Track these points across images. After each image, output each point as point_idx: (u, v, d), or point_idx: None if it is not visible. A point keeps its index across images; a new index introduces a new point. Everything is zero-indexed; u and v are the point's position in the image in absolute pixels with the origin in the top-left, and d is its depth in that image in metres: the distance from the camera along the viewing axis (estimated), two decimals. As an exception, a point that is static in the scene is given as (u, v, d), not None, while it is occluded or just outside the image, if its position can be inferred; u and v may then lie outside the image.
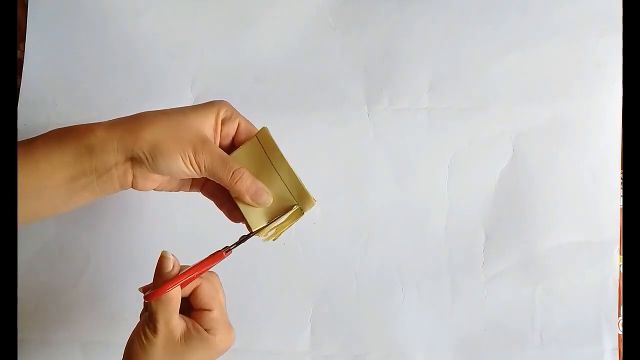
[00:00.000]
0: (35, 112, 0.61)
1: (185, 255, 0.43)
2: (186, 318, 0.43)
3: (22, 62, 0.61)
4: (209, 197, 0.47)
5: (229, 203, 0.45)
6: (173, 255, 0.42)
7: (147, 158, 0.41)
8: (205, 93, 0.61)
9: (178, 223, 0.60)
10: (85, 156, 0.41)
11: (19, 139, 0.43)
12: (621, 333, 0.56)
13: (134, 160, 0.41)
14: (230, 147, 0.45)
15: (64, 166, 0.41)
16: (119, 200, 0.60)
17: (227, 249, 0.43)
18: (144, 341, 0.41)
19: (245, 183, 0.42)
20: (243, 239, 0.44)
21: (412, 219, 0.59)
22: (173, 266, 0.42)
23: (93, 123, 0.42)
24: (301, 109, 0.60)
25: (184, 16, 0.62)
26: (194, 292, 0.43)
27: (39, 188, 0.41)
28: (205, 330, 0.42)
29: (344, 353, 0.58)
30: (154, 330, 0.41)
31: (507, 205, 0.58)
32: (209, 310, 0.43)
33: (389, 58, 0.60)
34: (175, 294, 0.41)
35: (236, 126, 0.44)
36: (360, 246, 0.59)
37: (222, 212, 0.47)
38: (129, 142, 0.41)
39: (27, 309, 0.59)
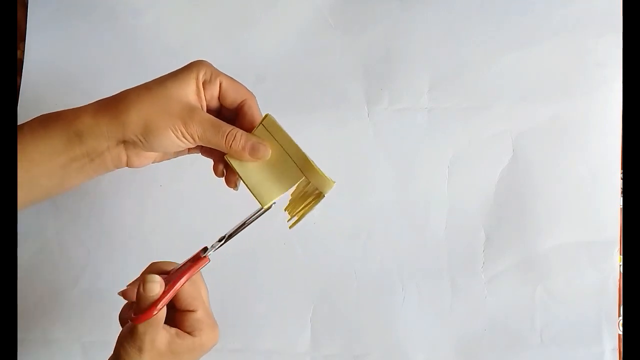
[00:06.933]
0: (35, 112, 0.61)
1: (185, 254, 0.43)
2: (168, 327, 0.41)
3: (22, 62, 0.61)
4: (208, 157, 0.46)
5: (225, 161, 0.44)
6: (158, 276, 0.40)
7: (140, 140, 0.41)
8: (205, 93, 0.61)
9: (178, 222, 0.60)
10: (75, 142, 0.41)
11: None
12: (621, 333, 0.56)
13: (127, 142, 0.41)
14: (218, 108, 0.45)
15: (54, 153, 0.41)
16: (119, 200, 0.60)
17: (206, 251, 0.42)
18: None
19: (240, 142, 0.42)
20: (222, 239, 0.42)
21: (412, 219, 0.59)
22: (159, 287, 0.40)
23: (78, 108, 0.42)
24: (301, 109, 0.60)
25: (184, 16, 0.62)
26: (176, 295, 0.41)
27: (30, 176, 0.41)
28: (189, 332, 0.41)
29: (344, 353, 0.58)
30: (140, 350, 0.40)
31: (507, 205, 0.58)
32: (192, 311, 0.42)
33: (389, 58, 0.60)
34: (161, 314, 0.40)
35: (218, 86, 0.43)
36: (360, 246, 0.59)
37: (220, 181, 0.45)
38: (118, 127, 0.41)
39: (27, 308, 0.59)
